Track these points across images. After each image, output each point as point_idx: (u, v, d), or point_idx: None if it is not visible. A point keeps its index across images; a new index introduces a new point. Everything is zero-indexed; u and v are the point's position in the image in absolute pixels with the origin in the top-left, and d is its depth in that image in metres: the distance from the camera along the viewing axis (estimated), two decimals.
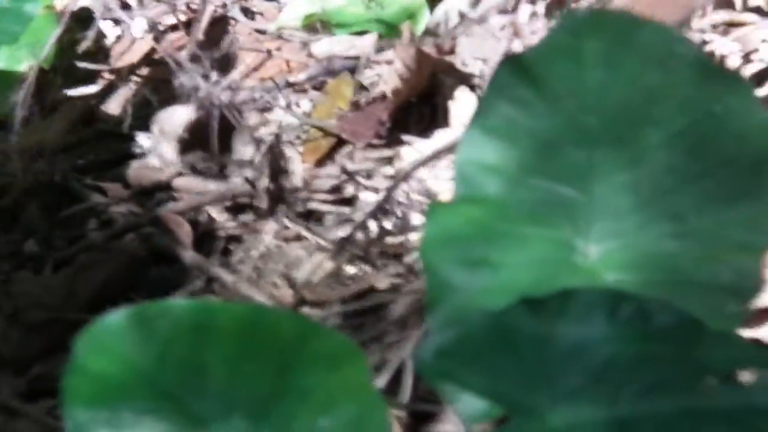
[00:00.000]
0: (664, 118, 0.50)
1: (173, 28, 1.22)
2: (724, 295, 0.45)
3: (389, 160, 1.06)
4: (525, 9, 1.09)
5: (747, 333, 0.75)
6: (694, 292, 0.45)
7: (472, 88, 1.07)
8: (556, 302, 0.44)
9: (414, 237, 0.97)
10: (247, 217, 1.04)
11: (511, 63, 0.53)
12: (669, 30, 0.52)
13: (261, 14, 1.24)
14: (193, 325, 0.51)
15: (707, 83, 0.49)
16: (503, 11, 1.11)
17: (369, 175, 1.05)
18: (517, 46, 1.06)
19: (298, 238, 1.01)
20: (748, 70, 1.01)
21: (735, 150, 0.48)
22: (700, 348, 0.41)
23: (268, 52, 1.19)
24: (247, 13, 1.24)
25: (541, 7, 1.08)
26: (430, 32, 1.14)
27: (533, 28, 1.07)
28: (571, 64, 0.52)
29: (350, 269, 0.96)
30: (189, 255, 1.00)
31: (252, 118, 1.11)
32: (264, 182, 1.05)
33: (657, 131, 0.50)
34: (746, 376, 0.41)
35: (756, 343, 0.42)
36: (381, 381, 0.83)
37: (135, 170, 1.10)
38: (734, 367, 0.41)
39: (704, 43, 1.02)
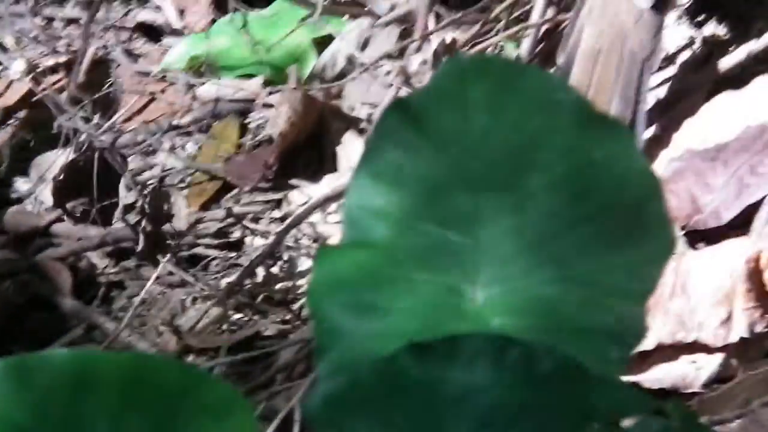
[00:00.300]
0: (547, 164, 0.50)
1: (53, 69, 1.20)
2: (607, 340, 0.46)
3: (277, 204, 1.06)
4: (413, 55, 1.10)
5: (630, 378, 0.77)
6: (578, 337, 0.46)
7: (360, 132, 1.08)
8: (443, 348, 0.44)
9: (302, 282, 0.97)
10: (130, 262, 1.02)
11: (398, 107, 0.53)
12: (550, 76, 0.53)
13: (144, 56, 1.22)
14: (73, 376, 0.49)
15: (588, 129, 0.50)
16: (391, 56, 1.12)
17: (256, 219, 1.04)
18: (405, 92, 1.07)
19: (183, 283, 0.99)
20: None
21: (615, 195, 0.49)
22: (584, 394, 0.41)
23: (152, 94, 1.17)
24: (130, 55, 1.22)
25: (428, 53, 1.09)
26: (317, 76, 1.14)
27: (421, 73, 1.08)
28: (456, 108, 0.53)
29: (237, 315, 0.95)
30: (69, 302, 0.97)
31: (135, 161, 1.09)
32: (147, 227, 1.03)
33: (540, 176, 0.50)
34: (628, 422, 0.41)
35: (638, 388, 0.43)
36: (269, 430, 0.82)
37: (12, 215, 1.07)
38: (617, 413, 0.41)
39: None
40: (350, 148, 1.07)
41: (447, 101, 0.52)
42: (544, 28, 1.07)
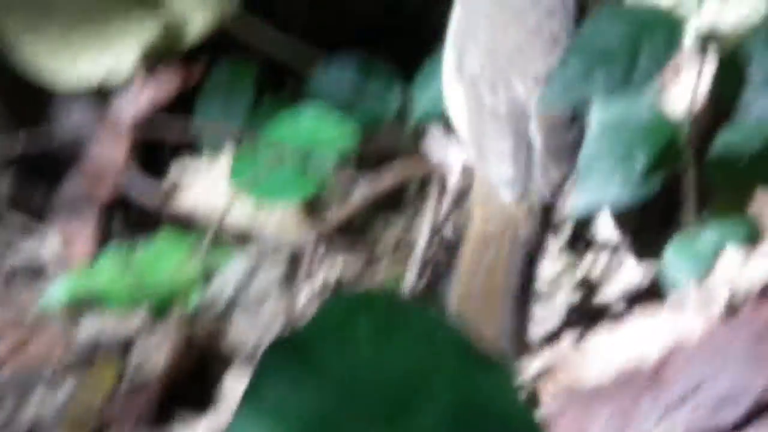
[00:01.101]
0: (433, 397, 0.50)
1: None
2: None
3: None
4: (300, 287, 1.11)
5: None
6: None
7: (246, 366, 1.06)
8: None
9: None
10: None
11: (282, 341, 0.53)
12: (434, 312, 0.54)
13: (22, 295, 1.20)
14: None
15: (469, 367, 0.51)
16: (277, 289, 1.12)
17: None
18: (292, 325, 1.07)
19: None
20: None
21: (498, 430, 0.48)
22: None
23: (27, 335, 1.14)
24: (7, 295, 1.19)
25: (315, 287, 1.10)
26: (202, 309, 1.13)
27: (308, 307, 1.09)
28: (342, 342, 0.52)
29: None
30: None
31: (8, 404, 1.04)
32: None
33: (426, 413, 0.50)
34: None
35: None
36: None
37: None
38: None
39: None
40: (235, 383, 1.05)
41: (332, 335, 0.52)
42: (427, 264, 1.09)
